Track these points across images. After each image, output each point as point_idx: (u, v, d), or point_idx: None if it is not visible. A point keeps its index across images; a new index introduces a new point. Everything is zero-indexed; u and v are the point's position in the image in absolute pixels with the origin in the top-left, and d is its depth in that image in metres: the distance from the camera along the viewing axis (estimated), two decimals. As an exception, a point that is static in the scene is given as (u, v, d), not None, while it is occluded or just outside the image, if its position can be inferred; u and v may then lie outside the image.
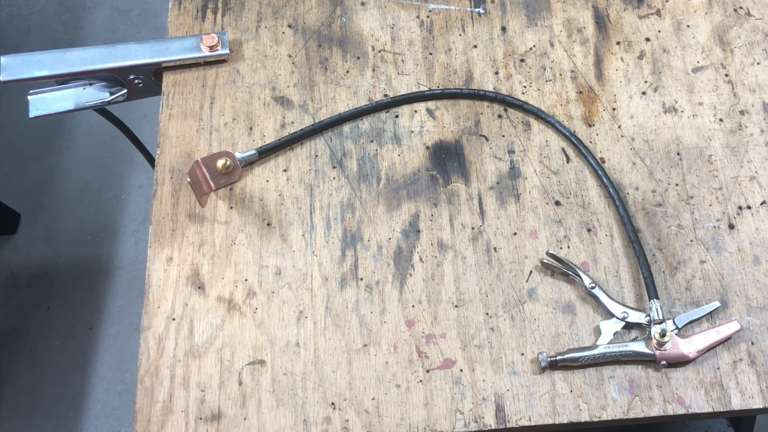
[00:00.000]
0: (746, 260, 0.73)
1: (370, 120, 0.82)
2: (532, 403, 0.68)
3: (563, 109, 0.81)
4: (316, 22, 0.88)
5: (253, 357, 0.71)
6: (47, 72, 0.83)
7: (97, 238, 1.67)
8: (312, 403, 0.69)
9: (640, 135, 0.80)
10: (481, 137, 0.80)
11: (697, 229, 0.75)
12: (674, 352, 0.68)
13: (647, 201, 0.76)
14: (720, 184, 0.77)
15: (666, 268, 0.73)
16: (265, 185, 0.79)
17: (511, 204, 0.77)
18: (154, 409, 0.69)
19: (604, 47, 0.85)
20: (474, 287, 0.73)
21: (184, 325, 0.72)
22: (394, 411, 0.68)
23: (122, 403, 1.51)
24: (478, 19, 0.87)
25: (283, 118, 0.82)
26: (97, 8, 1.95)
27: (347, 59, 0.85)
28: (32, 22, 1.95)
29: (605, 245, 0.74)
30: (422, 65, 0.85)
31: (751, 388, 0.68)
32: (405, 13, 0.88)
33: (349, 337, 0.71)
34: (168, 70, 0.85)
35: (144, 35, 1.88)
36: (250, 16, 0.88)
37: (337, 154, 0.80)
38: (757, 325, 0.70)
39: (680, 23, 0.85)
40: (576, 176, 0.78)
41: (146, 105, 1.06)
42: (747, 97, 0.81)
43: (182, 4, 0.89)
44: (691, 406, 0.67)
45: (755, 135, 0.79)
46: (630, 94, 0.82)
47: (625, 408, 0.67)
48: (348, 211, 0.77)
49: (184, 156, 0.80)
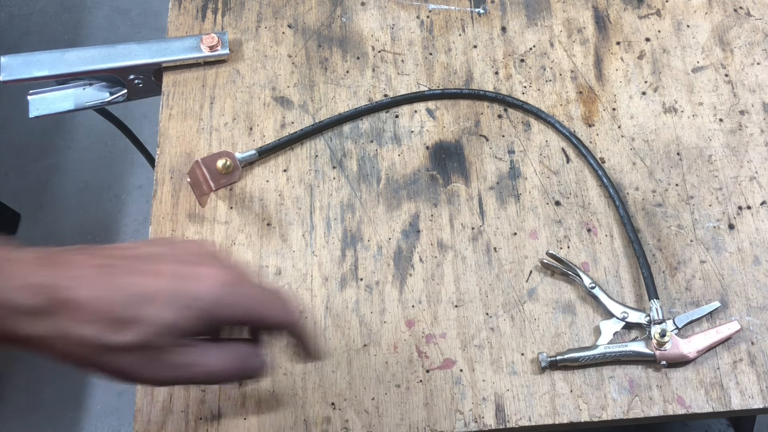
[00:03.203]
0: (746, 260, 0.73)
1: (370, 120, 0.82)
2: (532, 403, 0.68)
3: (563, 109, 0.81)
4: (316, 22, 0.88)
5: (253, 357, 0.71)
6: (47, 72, 0.83)
7: (97, 238, 1.67)
8: (312, 403, 0.69)
9: (640, 135, 0.80)
10: (481, 137, 0.80)
11: (697, 229, 0.75)
12: (674, 352, 0.68)
13: (647, 201, 0.76)
14: (720, 184, 0.77)
15: (666, 268, 0.73)
16: (265, 185, 0.79)
17: (511, 204, 0.77)
18: (154, 409, 0.69)
19: (604, 47, 0.85)
20: (474, 287, 0.73)
21: (184, 325, 0.72)
22: (394, 411, 0.68)
23: (122, 403, 1.51)
24: (478, 19, 0.87)
25: (283, 118, 0.82)
26: (97, 8, 1.95)
27: (347, 59, 0.85)
28: (32, 22, 1.95)
29: (605, 245, 0.74)
30: (422, 65, 0.85)
31: (751, 388, 0.68)
32: (405, 13, 0.88)
33: (349, 337, 0.71)
34: (168, 70, 0.85)
35: (144, 35, 1.88)
36: (250, 16, 0.88)
37: (337, 154, 0.80)
38: (757, 325, 0.70)
39: (680, 23, 0.86)
40: (576, 176, 0.78)
41: (146, 105, 1.06)
42: (747, 97, 0.81)
43: (182, 4, 0.89)
44: (691, 406, 0.67)
45: (755, 135, 0.79)
46: (630, 94, 0.82)
47: (625, 408, 0.67)
48: (348, 211, 0.77)
49: (184, 156, 0.80)
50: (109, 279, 0.49)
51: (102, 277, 0.49)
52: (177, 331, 0.50)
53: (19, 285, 0.47)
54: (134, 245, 0.53)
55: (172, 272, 0.50)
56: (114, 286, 0.49)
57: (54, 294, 0.47)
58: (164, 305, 0.49)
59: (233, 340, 0.57)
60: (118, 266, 0.50)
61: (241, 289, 0.52)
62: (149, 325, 0.49)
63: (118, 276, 0.49)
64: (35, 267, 0.48)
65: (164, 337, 0.50)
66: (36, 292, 0.47)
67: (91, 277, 0.49)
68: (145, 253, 0.51)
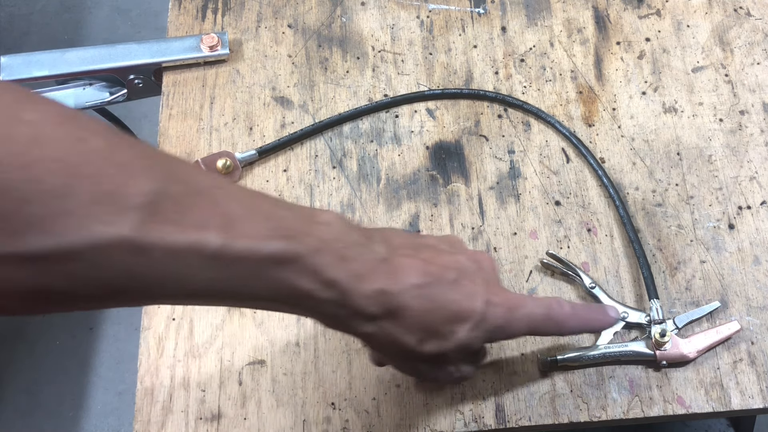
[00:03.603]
0: (746, 260, 0.73)
1: (370, 120, 0.82)
2: (532, 403, 0.68)
3: (563, 109, 0.81)
4: (316, 22, 0.88)
5: (253, 357, 0.71)
6: (47, 72, 0.83)
7: (97, 238, 1.67)
8: (312, 403, 0.69)
9: (640, 135, 0.80)
10: (481, 137, 0.80)
11: (697, 229, 0.75)
12: (674, 352, 0.68)
13: (647, 201, 0.76)
14: (720, 184, 0.77)
15: (666, 268, 0.73)
16: (265, 185, 0.79)
17: (511, 204, 0.77)
18: (154, 409, 0.69)
19: (604, 47, 0.85)
20: (474, 287, 0.73)
21: (184, 325, 0.72)
22: (394, 411, 0.68)
23: (122, 403, 1.51)
24: (478, 19, 0.87)
25: (283, 118, 0.82)
26: (97, 8, 1.95)
27: (347, 59, 0.85)
28: (32, 22, 1.95)
29: (605, 245, 0.74)
30: (422, 65, 0.85)
31: (751, 388, 0.68)
32: (405, 13, 0.88)
33: (349, 337, 0.71)
34: (168, 70, 0.85)
35: (144, 35, 1.88)
36: (250, 16, 0.88)
37: (337, 154, 0.80)
38: (757, 325, 0.70)
39: (680, 23, 0.86)
40: (576, 176, 0.78)
41: (146, 105, 1.06)
42: (747, 97, 0.81)
43: (182, 4, 0.89)
44: (691, 406, 0.67)
45: (755, 135, 0.79)
46: (630, 94, 0.82)
47: (625, 408, 0.67)
48: (348, 211, 0.77)
49: (184, 156, 0.80)
50: (435, 292, 0.51)
51: (429, 290, 0.51)
52: (467, 349, 0.54)
53: (366, 293, 0.48)
54: (448, 248, 0.55)
55: (483, 295, 0.53)
56: (438, 302, 0.51)
57: (389, 302, 0.49)
58: (472, 328, 0.53)
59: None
60: (442, 279, 0.52)
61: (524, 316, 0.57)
62: (453, 341, 0.53)
63: (443, 291, 0.52)
64: (375, 266, 0.49)
65: (455, 352, 0.54)
66: (377, 301, 0.49)
67: (421, 287, 0.51)
68: (458, 265, 0.54)
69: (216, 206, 0.43)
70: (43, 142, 0.36)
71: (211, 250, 0.42)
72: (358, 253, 0.48)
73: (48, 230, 0.36)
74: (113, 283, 0.40)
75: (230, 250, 0.42)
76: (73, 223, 0.36)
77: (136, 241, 0.39)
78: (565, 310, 0.59)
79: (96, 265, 0.38)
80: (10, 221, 0.35)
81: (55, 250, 0.36)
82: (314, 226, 0.47)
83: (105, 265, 0.39)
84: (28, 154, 0.35)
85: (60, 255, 0.37)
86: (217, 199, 0.43)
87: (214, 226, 0.42)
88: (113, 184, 0.38)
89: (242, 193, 0.46)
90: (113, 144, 0.40)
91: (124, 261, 0.39)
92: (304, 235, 0.46)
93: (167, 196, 0.40)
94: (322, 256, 0.46)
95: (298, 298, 0.47)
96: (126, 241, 0.38)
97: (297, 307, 0.49)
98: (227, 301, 0.48)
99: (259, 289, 0.45)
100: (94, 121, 0.40)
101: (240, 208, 0.44)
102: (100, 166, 0.38)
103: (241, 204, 0.44)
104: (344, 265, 0.47)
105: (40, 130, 0.36)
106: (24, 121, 0.36)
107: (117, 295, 0.42)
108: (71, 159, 0.37)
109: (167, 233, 0.40)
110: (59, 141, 0.37)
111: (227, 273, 0.43)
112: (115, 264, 0.39)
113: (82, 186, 0.37)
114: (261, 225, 0.44)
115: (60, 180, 0.36)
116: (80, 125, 0.39)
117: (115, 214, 0.38)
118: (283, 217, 0.46)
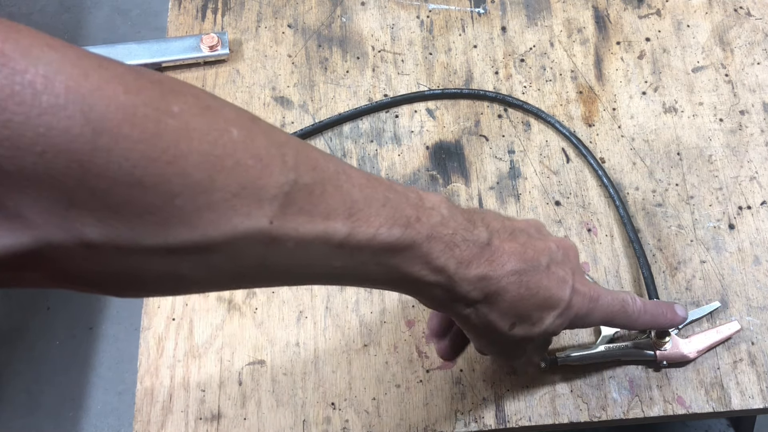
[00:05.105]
0: (746, 260, 0.73)
1: (370, 120, 0.82)
2: (532, 403, 0.68)
3: (563, 109, 0.81)
4: (316, 22, 0.88)
5: (253, 357, 0.71)
6: (47, 72, 0.82)
7: (97, 238, 1.67)
8: (312, 403, 0.69)
9: (640, 135, 0.80)
10: (481, 137, 0.80)
11: (697, 229, 0.75)
12: (674, 352, 0.68)
13: (647, 201, 0.76)
14: (720, 184, 0.77)
15: (666, 268, 0.73)
16: (265, 185, 0.79)
17: (511, 204, 0.77)
18: (154, 409, 0.69)
19: (604, 47, 0.85)
20: (474, 287, 0.73)
21: (184, 325, 0.72)
22: (394, 411, 0.68)
23: (122, 403, 1.51)
24: (478, 19, 0.87)
25: (283, 118, 0.82)
26: (97, 8, 1.95)
27: (347, 59, 0.85)
28: (32, 22, 1.95)
29: (605, 245, 0.74)
30: (422, 65, 0.85)
31: (751, 388, 0.68)
32: (405, 13, 0.88)
33: (349, 337, 0.71)
34: (168, 70, 0.85)
35: (144, 35, 1.88)
36: (250, 16, 0.88)
37: (337, 154, 0.80)
38: (757, 325, 0.70)
39: (680, 23, 0.85)
40: (576, 176, 0.78)
41: (146, 105, 1.05)
42: (747, 97, 0.81)
43: (182, 4, 0.89)
44: (691, 406, 0.67)
45: (755, 135, 0.79)
46: (630, 94, 0.82)
47: (625, 408, 0.67)
48: (348, 211, 0.77)
49: (184, 156, 0.80)
50: (531, 279, 0.52)
51: (526, 276, 0.52)
52: (550, 335, 0.56)
53: (469, 278, 0.49)
54: (537, 234, 0.56)
55: (571, 283, 0.54)
56: (532, 288, 0.52)
57: (489, 287, 0.50)
58: (558, 315, 0.54)
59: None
60: (538, 265, 0.53)
61: (604, 307, 0.58)
62: (541, 327, 0.54)
63: (538, 277, 0.52)
64: (479, 252, 0.50)
65: (539, 337, 0.55)
66: (478, 287, 0.50)
67: (519, 273, 0.51)
68: (550, 252, 0.54)
69: (341, 194, 0.43)
70: (190, 135, 0.36)
71: (338, 239, 0.43)
72: (463, 239, 0.49)
73: (194, 224, 0.37)
74: (243, 272, 0.41)
75: (354, 239, 0.43)
76: (216, 216, 0.37)
77: (273, 233, 0.40)
78: (638, 305, 0.60)
79: (232, 257, 0.39)
80: (158, 215, 0.36)
81: (199, 242, 0.37)
82: (425, 212, 0.48)
83: (240, 256, 0.39)
84: (176, 148, 0.36)
85: (202, 247, 0.38)
86: (341, 185, 0.44)
87: (341, 215, 0.43)
88: (251, 176, 0.38)
89: (361, 177, 0.46)
90: (251, 133, 0.40)
91: (258, 252, 0.40)
92: (416, 221, 0.47)
93: (300, 187, 0.41)
94: (433, 244, 0.47)
95: (407, 281, 0.48)
96: (263, 233, 0.39)
97: (402, 288, 0.50)
98: (339, 281, 0.49)
99: (374, 273, 0.47)
100: (229, 106, 0.41)
101: (360, 194, 0.44)
102: (239, 157, 0.38)
103: (362, 190, 0.45)
104: (451, 252, 0.48)
105: (186, 121, 0.36)
106: (173, 114, 0.36)
107: (241, 280, 0.43)
108: (215, 151, 0.37)
109: (300, 224, 0.41)
110: (204, 133, 0.37)
111: (348, 260, 0.44)
112: (250, 255, 0.40)
113: (225, 179, 0.37)
114: (380, 212, 0.45)
115: (205, 174, 0.36)
116: (220, 114, 0.39)
117: (253, 206, 0.38)
118: (398, 203, 0.47)
